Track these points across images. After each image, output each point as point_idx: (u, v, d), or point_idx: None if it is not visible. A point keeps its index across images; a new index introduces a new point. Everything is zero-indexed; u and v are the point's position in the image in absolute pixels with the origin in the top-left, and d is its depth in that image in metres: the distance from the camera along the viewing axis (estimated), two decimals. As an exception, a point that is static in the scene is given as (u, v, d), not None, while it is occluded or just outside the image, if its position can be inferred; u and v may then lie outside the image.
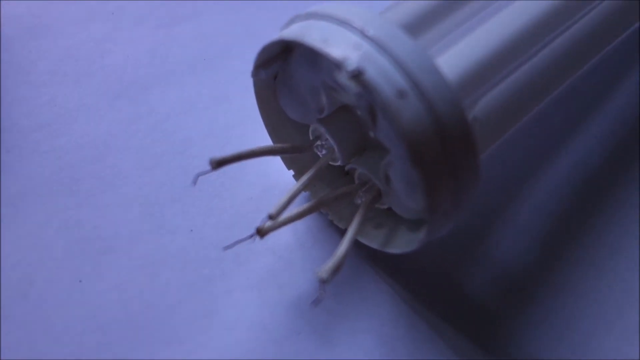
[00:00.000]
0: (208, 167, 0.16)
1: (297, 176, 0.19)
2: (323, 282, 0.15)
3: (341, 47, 0.14)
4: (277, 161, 0.20)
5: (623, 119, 0.22)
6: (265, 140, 0.19)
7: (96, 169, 0.20)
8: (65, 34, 0.23)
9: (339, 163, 0.18)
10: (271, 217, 0.16)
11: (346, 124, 0.18)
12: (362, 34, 0.14)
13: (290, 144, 0.18)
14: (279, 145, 0.18)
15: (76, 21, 0.23)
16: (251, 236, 0.16)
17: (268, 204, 0.20)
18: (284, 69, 0.17)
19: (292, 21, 0.16)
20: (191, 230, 0.19)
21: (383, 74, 0.13)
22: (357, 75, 0.13)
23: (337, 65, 0.14)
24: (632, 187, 0.20)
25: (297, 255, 0.19)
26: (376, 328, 0.18)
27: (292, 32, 0.15)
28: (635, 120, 0.22)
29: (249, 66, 0.23)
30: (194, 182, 0.16)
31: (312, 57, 0.16)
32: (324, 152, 0.18)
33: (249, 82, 0.23)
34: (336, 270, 0.15)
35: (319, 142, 0.18)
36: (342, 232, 0.19)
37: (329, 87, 0.16)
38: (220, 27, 0.23)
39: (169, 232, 0.19)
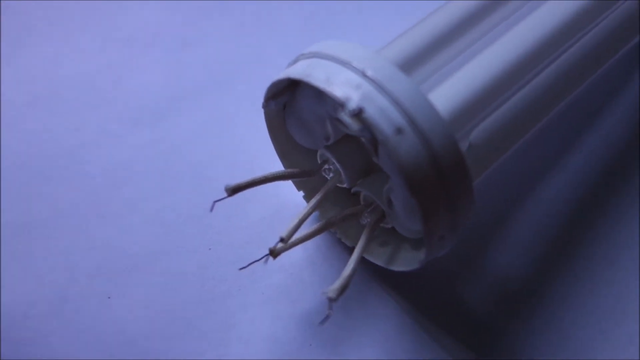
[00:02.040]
0: (222, 190, 0.18)
1: (307, 197, 0.21)
2: (331, 301, 0.16)
3: (343, 86, 0.15)
4: (288, 183, 0.21)
5: (616, 138, 0.23)
6: (274, 161, 0.20)
7: (119, 192, 0.21)
8: (84, 61, 0.24)
9: (345, 185, 0.19)
10: (283, 240, 0.17)
11: (351, 150, 0.19)
12: (363, 74, 0.15)
13: (299, 168, 0.20)
14: (289, 170, 0.19)
15: (93, 49, 0.24)
16: (264, 257, 0.17)
17: (280, 223, 0.21)
18: (291, 100, 0.19)
19: (297, 59, 0.17)
20: (209, 249, 0.20)
21: (382, 112, 0.15)
22: (358, 114, 0.15)
23: (339, 104, 0.15)
24: (624, 203, 0.21)
25: (307, 272, 0.20)
26: (382, 340, 0.19)
27: (298, 71, 0.16)
28: (628, 139, 0.23)
29: (257, 90, 0.25)
30: (211, 209, 0.17)
31: (318, 92, 0.17)
32: (331, 175, 0.20)
33: (258, 106, 0.24)
34: (343, 289, 0.16)
35: (326, 166, 0.20)
36: (349, 250, 0.20)
37: (333, 119, 0.18)
38: (228, 52, 0.25)
39: (189, 250, 0.20)
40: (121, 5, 0.25)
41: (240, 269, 0.18)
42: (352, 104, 0.15)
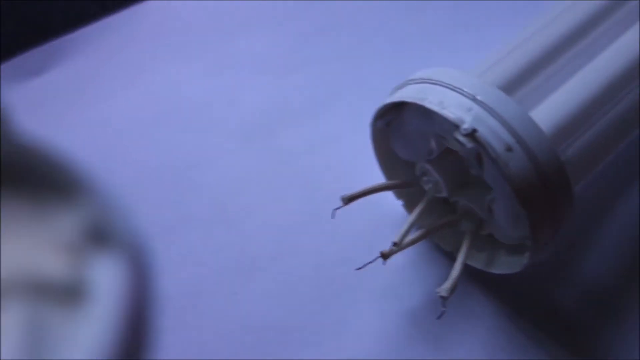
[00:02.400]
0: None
1: (406, 205, 0.23)
2: (443, 299, 0.18)
3: (456, 109, 0.17)
4: (388, 192, 0.23)
5: None
6: (371, 173, 0.23)
7: (239, 201, 0.24)
8: (201, 84, 0.27)
9: (443, 195, 0.21)
10: (396, 244, 0.19)
11: (451, 163, 0.21)
12: (474, 98, 0.17)
13: (402, 180, 0.22)
14: (393, 182, 0.21)
15: (209, 73, 0.28)
16: (376, 259, 0.20)
17: (383, 228, 0.23)
18: (396, 119, 0.21)
19: (406, 83, 0.20)
20: (320, 251, 0.23)
21: (492, 132, 0.17)
22: (471, 134, 0.17)
23: (454, 125, 0.17)
24: None
25: (409, 273, 0.22)
26: (480, 337, 0.21)
27: (411, 95, 0.18)
28: None
29: (356, 109, 0.27)
30: (332, 216, 0.20)
31: (426, 112, 0.19)
32: (429, 185, 0.22)
33: (357, 123, 0.26)
34: (453, 288, 0.18)
35: (425, 178, 0.22)
36: (446, 254, 0.22)
37: (438, 136, 0.20)
38: (328, 75, 0.27)
39: (303, 252, 0.23)
40: (232, 35, 0.28)
41: (357, 269, 0.20)
42: (466, 125, 0.17)
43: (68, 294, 0.07)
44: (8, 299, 0.07)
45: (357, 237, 0.23)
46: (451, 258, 0.23)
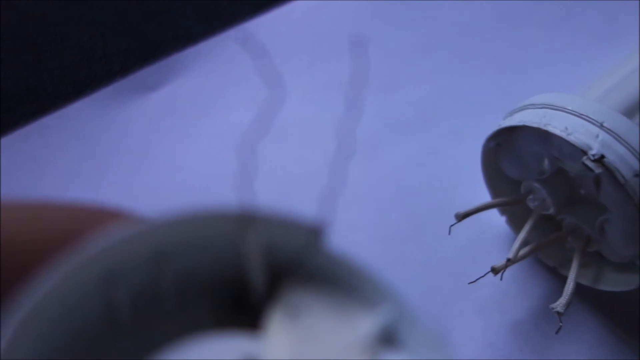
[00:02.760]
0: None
1: (509, 221, 0.24)
2: (559, 315, 0.19)
3: (582, 136, 0.18)
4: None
5: None
6: (472, 188, 0.24)
7: (345, 213, 0.26)
8: (307, 104, 0.29)
9: (549, 212, 0.22)
10: (509, 260, 0.20)
11: (561, 183, 0.22)
12: (601, 125, 0.18)
13: (507, 197, 0.23)
14: (503, 199, 0.22)
15: (315, 91, 0.29)
16: (488, 272, 0.21)
17: (483, 242, 0.24)
18: (508, 139, 0.22)
19: (524, 107, 0.21)
20: (424, 263, 0.24)
21: (620, 158, 0.17)
22: (599, 159, 0.18)
23: (582, 150, 0.18)
24: None
25: (512, 286, 0.23)
26: (585, 350, 0.22)
27: (534, 120, 0.19)
28: None
29: (457, 125, 0.28)
30: (449, 232, 0.21)
31: (543, 135, 0.20)
32: (536, 203, 0.23)
33: (458, 139, 0.27)
34: (568, 304, 0.19)
35: (531, 196, 0.23)
36: (549, 269, 0.23)
37: (554, 157, 0.21)
38: (429, 93, 0.28)
39: (407, 264, 0.24)
40: (336, 54, 0.30)
41: (469, 283, 0.21)
42: (594, 151, 0.18)
43: None
44: None
45: (460, 250, 0.24)
46: (553, 272, 0.23)
